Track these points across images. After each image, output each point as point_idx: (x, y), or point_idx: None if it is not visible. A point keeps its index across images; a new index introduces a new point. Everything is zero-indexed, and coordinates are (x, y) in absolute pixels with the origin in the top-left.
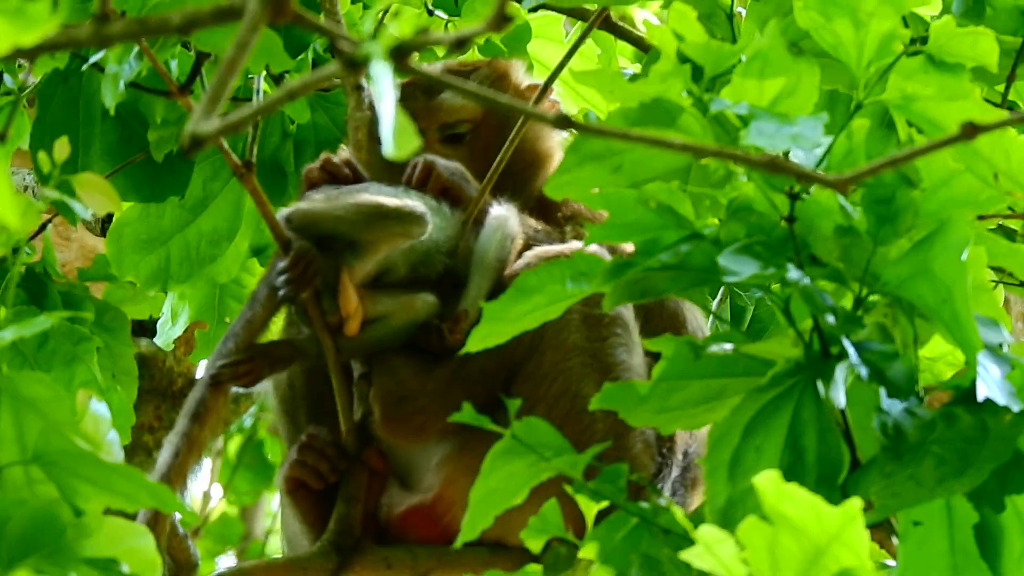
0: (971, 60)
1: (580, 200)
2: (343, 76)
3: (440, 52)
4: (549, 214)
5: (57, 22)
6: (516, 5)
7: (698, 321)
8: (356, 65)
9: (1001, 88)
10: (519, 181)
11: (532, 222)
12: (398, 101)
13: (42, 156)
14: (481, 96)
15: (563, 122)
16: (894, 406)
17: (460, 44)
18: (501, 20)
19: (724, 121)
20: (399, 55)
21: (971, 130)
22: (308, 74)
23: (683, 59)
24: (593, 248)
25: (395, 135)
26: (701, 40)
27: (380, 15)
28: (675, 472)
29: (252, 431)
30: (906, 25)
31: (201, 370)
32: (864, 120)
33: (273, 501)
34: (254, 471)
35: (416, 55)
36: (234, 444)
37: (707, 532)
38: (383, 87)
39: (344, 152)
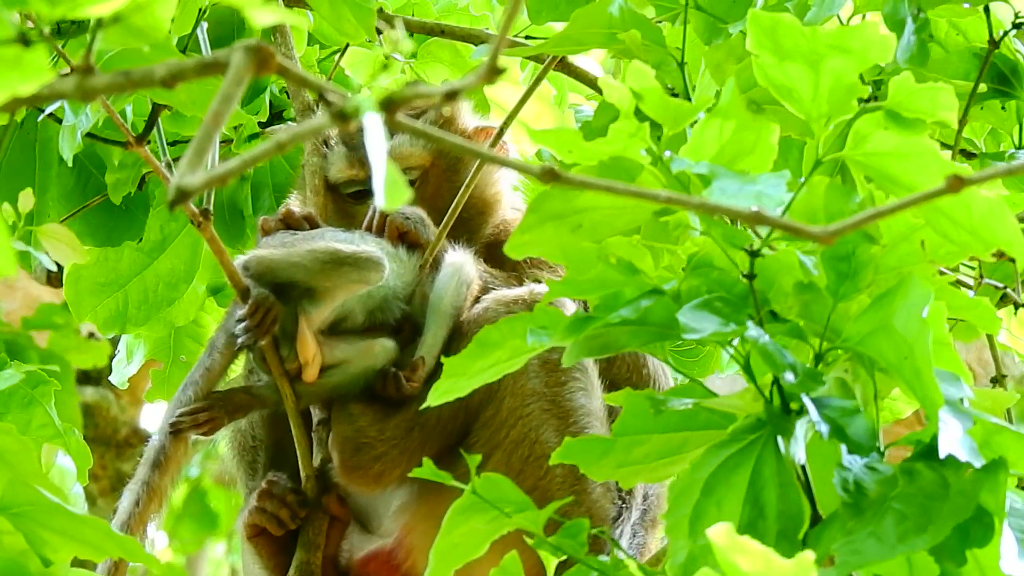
0: (931, 116)
1: (542, 256)
2: (331, 128)
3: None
4: (502, 259)
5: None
6: (508, 59)
7: (659, 363)
8: (345, 117)
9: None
10: (470, 228)
11: (487, 268)
12: (347, 149)
13: (6, 207)
14: (474, 151)
15: (549, 175)
16: (855, 462)
17: (451, 96)
18: (493, 72)
19: (684, 179)
20: (389, 108)
21: (957, 183)
22: (299, 123)
23: (640, 116)
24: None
25: (386, 187)
26: (659, 98)
27: (337, 59)
28: (635, 515)
29: (197, 480)
30: (863, 80)
31: (145, 417)
32: (824, 177)
33: (217, 549)
34: (197, 519)
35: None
36: (179, 493)
37: None
38: (374, 139)
39: (300, 206)
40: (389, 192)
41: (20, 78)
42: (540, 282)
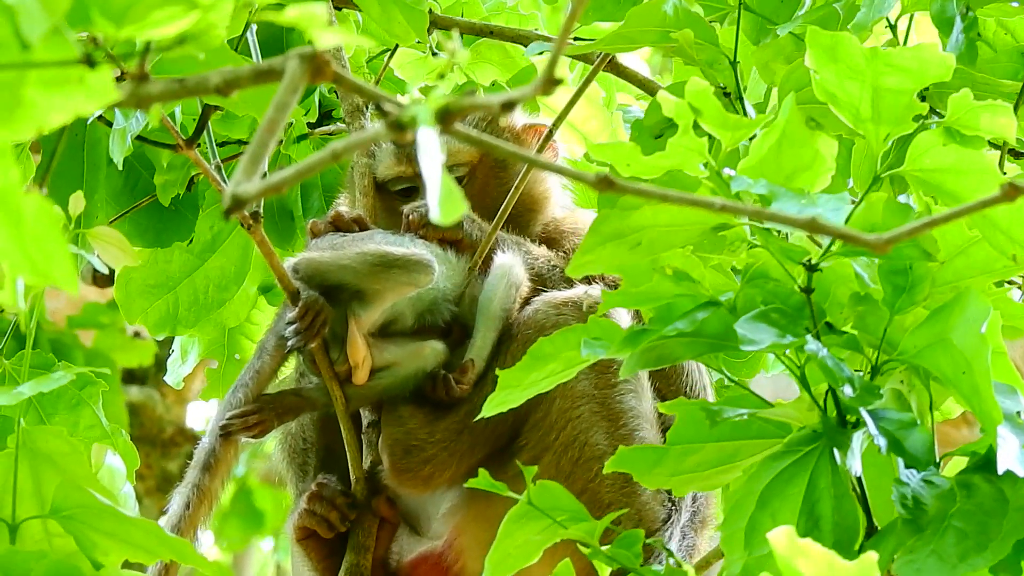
0: (989, 133)
1: (602, 272)
2: (387, 137)
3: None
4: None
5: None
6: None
7: (692, 363)
8: (401, 127)
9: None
10: (519, 225)
11: (542, 252)
12: (395, 146)
13: (58, 211)
14: (525, 156)
15: (604, 183)
16: (912, 476)
17: (507, 107)
18: (550, 83)
19: (742, 194)
20: (445, 118)
21: (1013, 192)
22: (354, 133)
23: (698, 129)
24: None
25: (442, 201)
26: (718, 112)
27: (386, 60)
28: (685, 517)
29: (244, 479)
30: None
31: (191, 416)
32: (882, 193)
33: (263, 547)
34: (243, 518)
35: None
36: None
37: None
38: (430, 151)
39: (350, 208)
40: (444, 205)
41: (84, 98)
42: (592, 284)
